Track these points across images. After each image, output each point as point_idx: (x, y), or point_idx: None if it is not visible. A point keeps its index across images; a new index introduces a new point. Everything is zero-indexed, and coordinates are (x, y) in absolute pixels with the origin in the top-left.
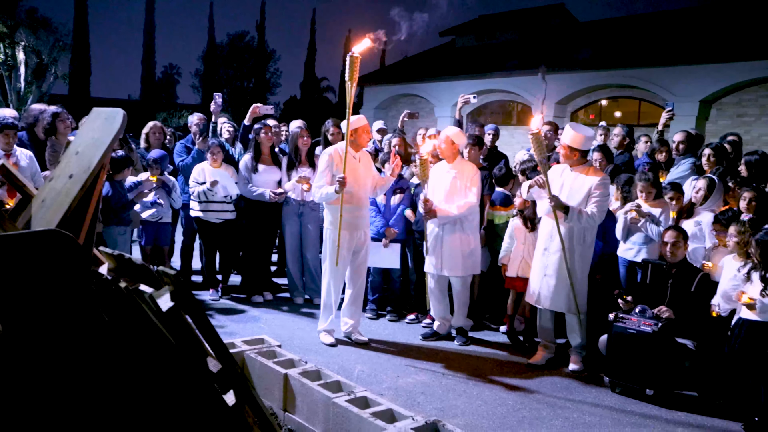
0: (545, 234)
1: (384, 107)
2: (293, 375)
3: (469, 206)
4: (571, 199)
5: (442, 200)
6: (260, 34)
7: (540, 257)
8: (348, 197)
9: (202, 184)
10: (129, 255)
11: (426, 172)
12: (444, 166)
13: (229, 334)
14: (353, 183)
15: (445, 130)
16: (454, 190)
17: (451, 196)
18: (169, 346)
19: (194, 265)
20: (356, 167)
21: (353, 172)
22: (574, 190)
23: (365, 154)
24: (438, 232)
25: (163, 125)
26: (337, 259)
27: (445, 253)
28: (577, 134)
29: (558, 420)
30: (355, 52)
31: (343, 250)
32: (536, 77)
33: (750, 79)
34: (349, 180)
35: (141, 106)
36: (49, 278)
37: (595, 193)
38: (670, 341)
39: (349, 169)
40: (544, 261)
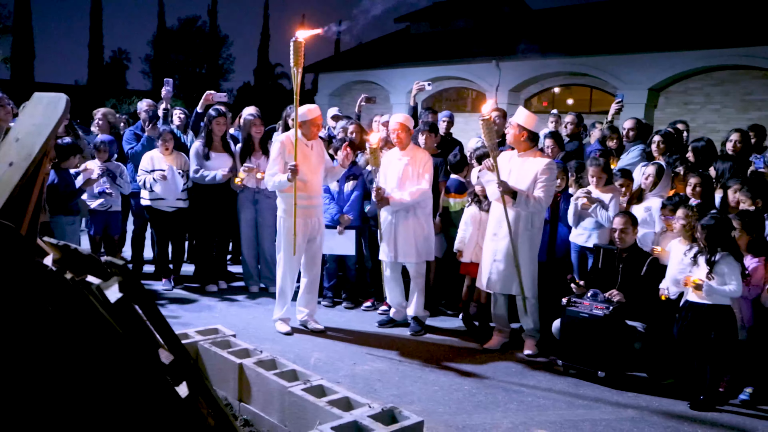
0: (494, 219)
1: (338, 94)
2: (248, 365)
3: (421, 192)
4: (519, 184)
5: (395, 187)
6: (212, 18)
7: (489, 242)
8: (301, 185)
9: (150, 172)
10: (75, 245)
11: (377, 160)
12: (396, 153)
13: (183, 324)
14: (306, 171)
15: (395, 116)
16: (406, 177)
17: (404, 182)
18: (118, 338)
19: (147, 255)
20: (309, 155)
21: (306, 160)
22: (521, 175)
23: (318, 142)
24: (391, 219)
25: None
26: (294, 248)
27: (400, 239)
28: (530, 114)
29: (513, 404)
30: (299, 37)
31: (298, 238)
32: (491, 64)
33: (696, 68)
34: (302, 168)
35: (89, 91)
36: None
37: (542, 178)
38: (621, 324)
39: (302, 157)
40: (494, 246)
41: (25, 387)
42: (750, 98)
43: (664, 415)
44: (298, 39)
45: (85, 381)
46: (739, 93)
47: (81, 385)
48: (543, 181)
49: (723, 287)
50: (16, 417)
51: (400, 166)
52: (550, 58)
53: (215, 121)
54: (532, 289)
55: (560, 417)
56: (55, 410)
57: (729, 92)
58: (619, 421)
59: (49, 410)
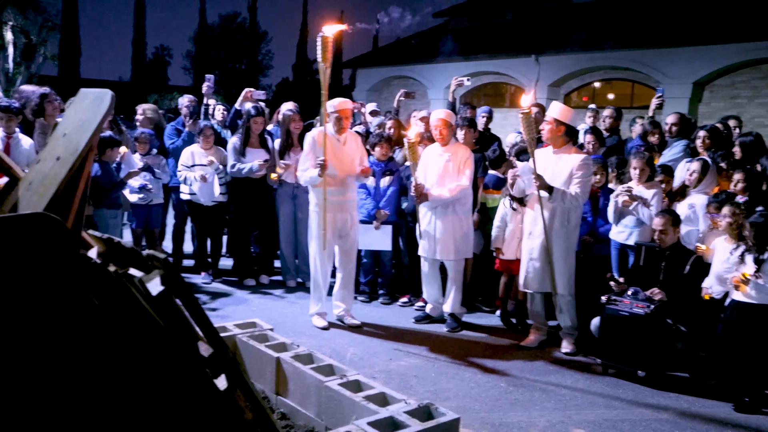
0: (530, 218)
1: (377, 89)
2: (285, 359)
3: (461, 189)
4: (554, 181)
5: (434, 183)
6: (252, 14)
7: (526, 241)
8: (331, 180)
9: (190, 167)
10: (118, 238)
11: (415, 155)
12: (437, 149)
13: (221, 317)
14: (337, 166)
15: (436, 112)
16: (446, 173)
17: (444, 178)
18: (159, 331)
19: (187, 249)
20: (340, 150)
21: (337, 154)
22: (556, 172)
23: (353, 136)
24: (431, 215)
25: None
26: (324, 243)
27: (438, 236)
28: (565, 107)
29: (550, 402)
30: (326, 32)
31: (328, 233)
32: (529, 59)
33: (742, 60)
34: (333, 163)
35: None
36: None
37: (578, 174)
38: (662, 323)
39: (333, 152)
40: (530, 244)
41: (71, 378)
42: None
43: (707, 417)
44: (324, 35)
45: (128, 372)
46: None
47: (124, 377)
48: (579, 177)
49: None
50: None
51: (440, 162)
52: (590, 53)
53: (253, 120)
54: (568, 286)
55: (598, 416)
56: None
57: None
58: (659, 422)
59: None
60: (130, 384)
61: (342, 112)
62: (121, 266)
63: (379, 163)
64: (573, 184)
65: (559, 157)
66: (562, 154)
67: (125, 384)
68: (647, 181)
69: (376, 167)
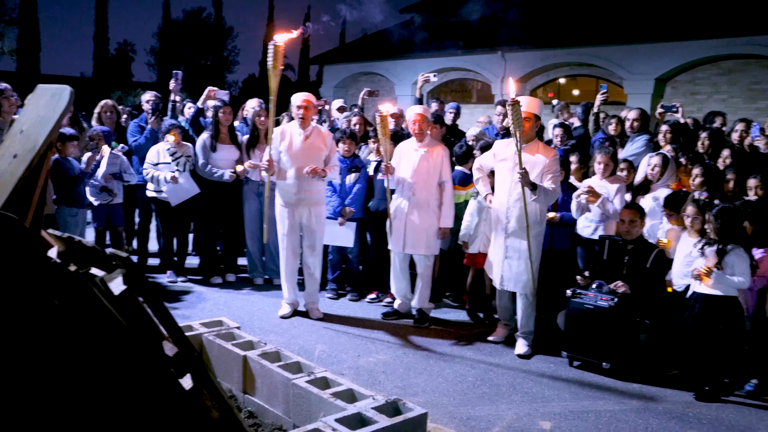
0: (503, 212)
1: (344, 86)
2: (252, 357)
3: (450, 195)
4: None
5: (408, 178)
6: (217, 10)
7: (500, 239)
8: (291, 175)
9: (155, 165)
10: (79, 237)
11: (386, 130)
12: (412, 144)
13: (188, 316)
14: (294, 162)
15: (414, 108)
16: (422, 170)
17: (419, 175)
18: (122, 331)
19: (153, 247)
20: (302, 145)
21: (295, 149)
22: (527, 167)
23: (318, 131)
24: (402, 210)
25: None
26: (265, 235)
27: (409, 231)
28: (531, 98)
29: (517, 395)
30: (278, 41)
31: (285, 227)
32: (496, 55)
33: (703, 57)
34: (292, 160)
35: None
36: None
37: (552, 170)
38: (626, 316)
39: (293, 149)
40: (508, 243)
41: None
42: (757, 87)
43: (669, 406)
44: (277, 43)
45: (90, 373)
46: (746, 82)
47: (86, 378)
48: (553, 173)
49: (732, 278)
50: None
51: (416, 158)
52: (555, 49)
53: (221, 111)
54: (533, 287)
55: (564, 408)
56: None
57: (736, 82)
58: (623, 412)
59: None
60: (92, 384)
61: (303, 102)
62: (83, 266)
63: (345, 160)
64: (547, 180)
65: (528, 151)
66: (531, 147)
67: (88, 384)
68: (611, 175)
69: (342, 164)
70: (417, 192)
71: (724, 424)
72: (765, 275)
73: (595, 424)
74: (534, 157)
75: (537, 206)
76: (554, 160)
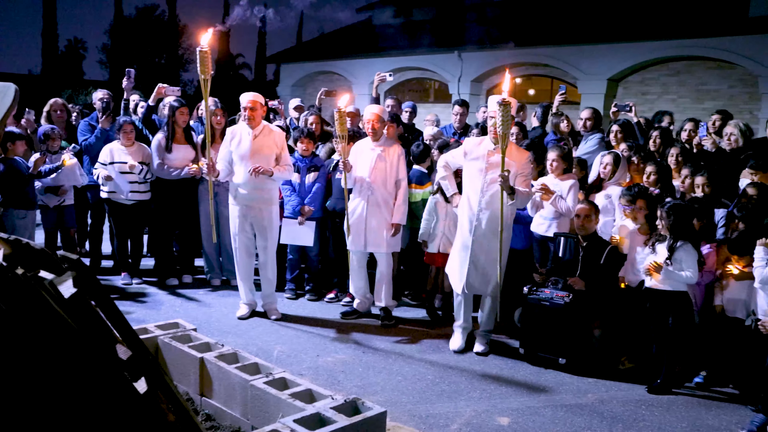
0: (472, 214)
1: (301, 85)
2: (209, 359)
3: (405, 194)
4: (493, 174)
5: (365, 177)
6: (171, 7)
7: (466, 240)
8: (242, 175)
9: (107, 165)
10: (27, 240)
11: (344, 127)
12: (368, 144)
13: (143, 319)
14: (244, 162)
15: (370, 107)
16: (378, 169)
17: (376, 174)
18: (72, 335)
19: (106, 248)
20: (251, 145)
21: (247, 150)
22: (493, 166)
23: (267, 130)
24: (361, 209)
25: (68, 102)
26: (214, 235)
27: (369, 230)
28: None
29: (476, 392)
30: (204, 46)
31: (236, 227)
32: (452, 55)
33: (652, 58)
34: (242, 160)
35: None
36: None
37: (525, 172)
38: (581, 312)
39: (243, 148)
40: (473, 245)
41: None
42: (704, 88)
43: (623, 399)
44: (203, 48)
45: (40, 378)
46: (694, 83)
47: (35, 383)
48: (527, 175)
49: (680, 273)
50: None
51: (372, 157)
52: (510, 49)
53: (178, 112)
54: (499, 289)
55: (522, 404)
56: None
57: (685, 82)
58: (578, 406)
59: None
60: (42, 390)
61: (249, 103)
62: (31, 269)
63: (303, 159)
64: (520, 182)
65: (496, 153)
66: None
67: (37, 390)
68: (564, 173)
69: (300, 163)
70: (375, 191)
71: (675, 414)
72: (711, 270)
73: (552, 419)
74: (507, 159)
75: (509, 209)
76: (528, 162)
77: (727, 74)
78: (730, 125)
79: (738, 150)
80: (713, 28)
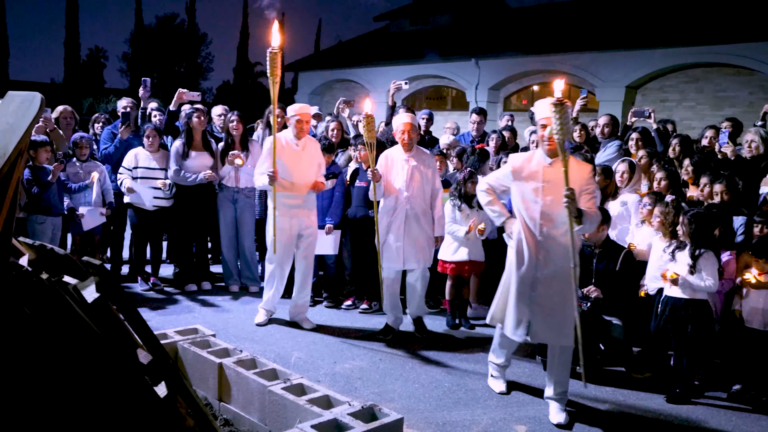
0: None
1: (319, 93)
2: (228, 364)
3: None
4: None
5: (403, 190)
6: (191, 16)
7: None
8: (288, 185)
9: (131, 170)
10: (51, 245)
11: (372, 133)
12: (400, 154)
13: (162, 324)
14: (293, 171)
15: (401, 116)
16: (415, 180)
17: (414, 186)
18: (95, 339)
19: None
20: (298, 156)
21: (294, 161)
22: (553, 184)
23: (311, 141)
24: (399, 226)
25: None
26: (274, 247)
27: (408, 245)
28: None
29: (492, 400)
30: (275, 47)
31: (283, 236)
32: (470, 62)
33: (671, 65)
34: (289, 169)
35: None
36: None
37: (588, 188)
38: (599, 320)
39: (290, 158)
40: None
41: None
42: (723, 95)
43: (641, 409)
44: (273, 50)
45: (63, 382)
46: (712, 90)
47: (58, 386)
48: (591, 192)
49: (700, 282)
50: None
51: (407, 168)
52: (528, 56)
53: (195, 116)
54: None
55: (539, 413)
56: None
57: (703, 89)
58: (596, 415)
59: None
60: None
61: (302, 116)
62: (55, 274)
63: None
64: (584, 202)
65: (559, 167)
66: (560, 162)
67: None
68: None
69: None
70: (413, 204)
71: (694, 425)
72: (730, 278)
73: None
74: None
75: (577, 236)
76: (591, 176)
77: (746, 81)
78: (750, 132)
79: (759, 157)
80: (730, 34)
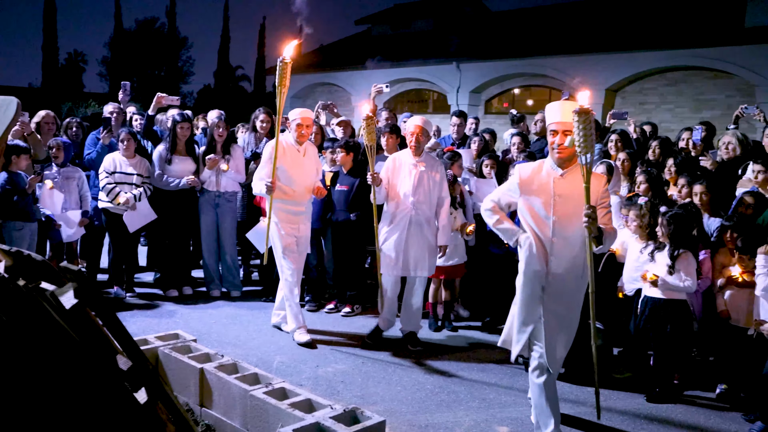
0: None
1: (301, 96)
2: (209, 369)
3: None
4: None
5: (409, 195)
6: (171, 20)
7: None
8: (290, 191)
9: (111, 174)
10: (28, 251)
11: (372, 136)
12: (407, 158)
13: (143, 330)
14: (295, 177)
15: (413, 119)
16: (422, 185)
17: (418, 190)
18: (74, 345)
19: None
20: (299, 160)
21: (295, 165)
22: (565, 198)
23: (311, 146)
24: (401, 232)
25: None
26: (265, 257)
27: (411, 253)
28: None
29: (475, 402)
30: (287, 57)
31: (287, 240)
32: (451, 66)
33: (651, 69)
34: (291, 175)
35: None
36: None
37: (604, 203)
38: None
39: (291, 164)
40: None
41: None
42: (702, 98)
43: (622, 409)
44: (285, 60)
45: (41, 389)
46: (691, 93)
47: (37, 394)
48: (607, 206)
49: (679, 283)
50: None
51: (416, 174)
52: (509, 60)
53: (179, 125)
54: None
55: (521, 414)
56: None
57: (682, 92)
58: (578, 415)
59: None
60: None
61: (303, 120)
62: (32, 280)
63: None
64: (602, 217)
65: (572, 178)
66: (575, 175)
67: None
68: None
69: None
70: (419, 211)
71: (675, 424)
72: (707, 276)
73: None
74: (578, 186)
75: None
76: (606, 189)
77: (724, 84)
78: (727, 134)
79: (735, 159)
80: (710, 38)
